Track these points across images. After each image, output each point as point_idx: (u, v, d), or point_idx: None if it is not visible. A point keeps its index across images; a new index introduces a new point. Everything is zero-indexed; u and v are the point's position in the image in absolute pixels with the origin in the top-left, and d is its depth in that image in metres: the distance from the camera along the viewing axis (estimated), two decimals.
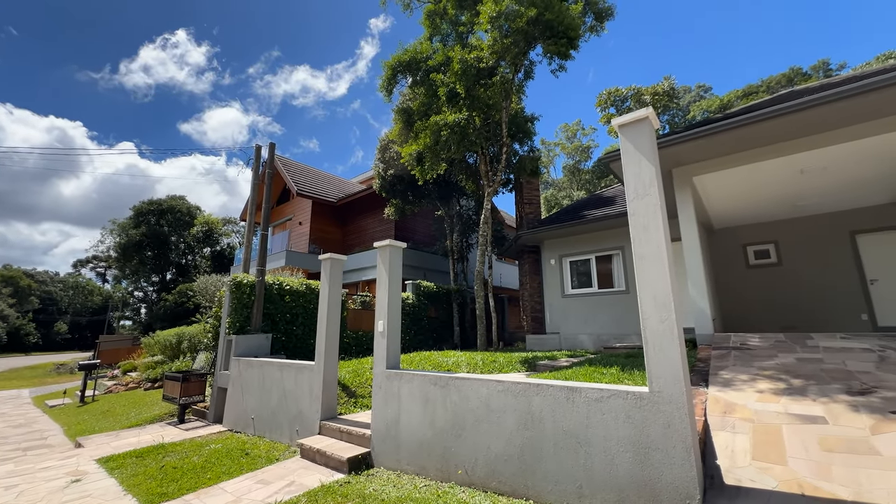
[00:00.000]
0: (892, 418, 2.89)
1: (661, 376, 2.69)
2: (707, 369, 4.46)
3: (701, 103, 27.04)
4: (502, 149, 10.04)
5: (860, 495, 2.28)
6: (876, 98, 4.89)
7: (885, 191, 8.03)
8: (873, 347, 4.44)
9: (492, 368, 7.33)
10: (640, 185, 3.01)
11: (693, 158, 6.57)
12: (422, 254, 16.50)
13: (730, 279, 10.24)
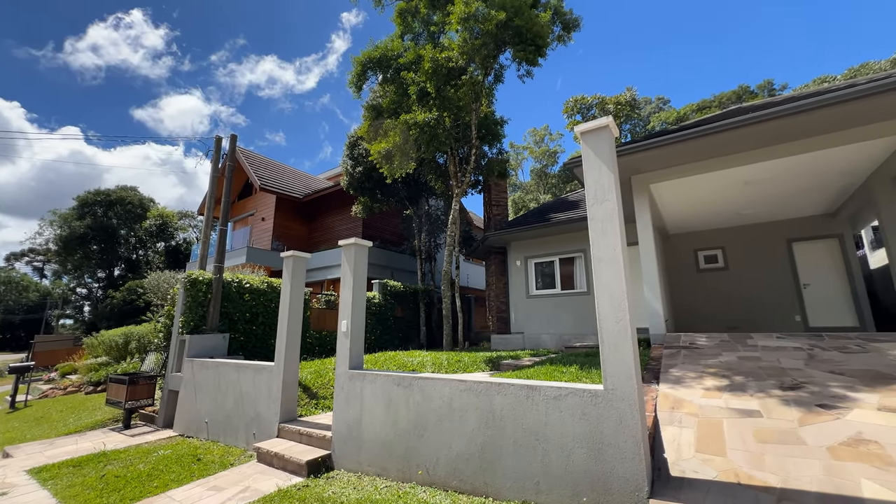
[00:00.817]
0: (817, 411, 3.16)
1: (615, 374, 2.81)
2: (659, 367, 4.70)
3: (660, 115, 28.46)
4: (472, 150, 10.13)
5: (787, 482, 2.48)
6: (806, 118, 5.34)
7: (817, 203, 8.78)
8: (803, 346, 4.84)
9: (457, 368, 7.38)
10: (599, 191, 3.12)
11: (650, 167, 6.90)
12: (389, 253, 16.36)
13: (682, 282, 10.84)
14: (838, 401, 3.27)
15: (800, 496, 2.36)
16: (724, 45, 53.33)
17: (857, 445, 2.68)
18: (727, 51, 52.83)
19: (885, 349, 4.40)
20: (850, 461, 2.55)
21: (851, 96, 4.92)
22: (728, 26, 52.86)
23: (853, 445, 2.69)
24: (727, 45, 53.31)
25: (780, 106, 5.30)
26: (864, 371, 3.79)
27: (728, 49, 52.77)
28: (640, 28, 58.68)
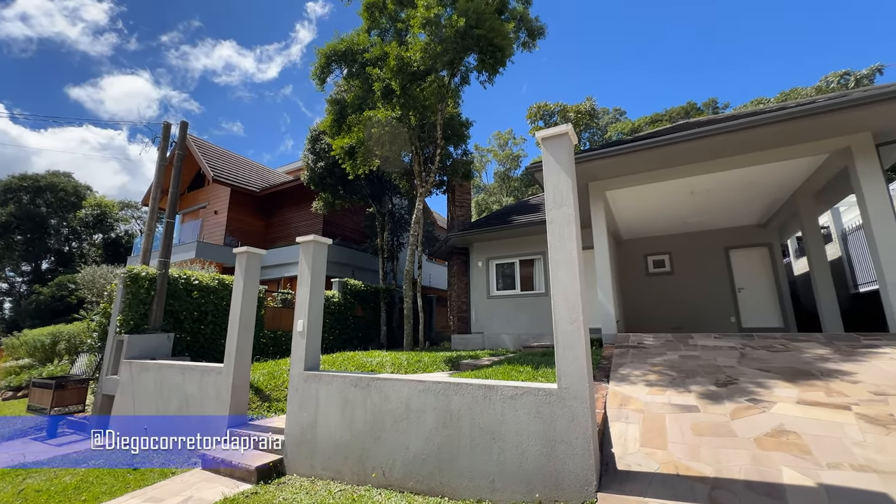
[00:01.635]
0: (747, 405, 3.44)
1: (568, 374, 2.91)
2: (609, 366, 4.93)
3: (616, 125, 29.88)
4: (436, 150, 10.14)
5: (720, 472, 2.68)
6: (743, 136, 5.80)
7: (752, 214, 9.57)
8: (737, 345, 5.26)
9: (416, 368, 7.35)
10: (558, 196, 3.22)
11: (606, 174, 7.23)
12: (351, 251, 16.04)
13: (633, 285, 11.44)
14: (765, 395, 3.57)
15: (730, 484, 2.56)
16: (676, 65, 57.02)
17: (780, 436, 2.95)
18: (678, 70, 56.52)
19: (804, 348, 4.87)
20: (773, 451, 2.80)
21: (780, 118, 5.41)
22: (680, 49, 56.59)
23: (776, 436, 2.95)
24: (678, 65, 57.04)
25: (721, 124, 5.73)
26: (787, 368, 4.18)
27: (678, 68, 56.46)
28: (602, 44, 61.43)
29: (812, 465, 2.60)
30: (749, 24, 52.96)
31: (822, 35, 49.22)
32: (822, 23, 49.22)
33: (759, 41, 52.35)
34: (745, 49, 53.57)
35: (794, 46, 50.30)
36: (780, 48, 51.40)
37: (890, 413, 3.04)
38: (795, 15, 50.56)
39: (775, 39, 51.41)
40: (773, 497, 2.40)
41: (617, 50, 61.14)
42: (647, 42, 59.13)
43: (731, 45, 54.28)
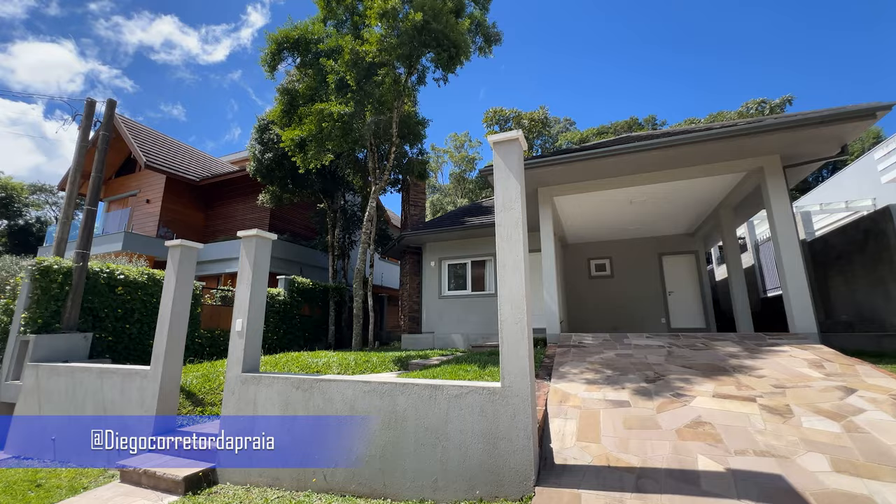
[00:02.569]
0: (671, 399, 3.74)
1: (512, 372, 3.00)
2: (552, 364, 5.15)
3: (567, 134, 31.30)
4: (392, 148, 10.03)
5: (645, 462, 2.89)
6: (674, 152, 6.33)
7: (682, 224, 10.43)
8: (665, 344, 5.71)
9: (364, 368, 7.23)
10: (507, 199, 3.31)
11: (555, 181, 7.54)
12: (299, 247, 15.42)
13: (576, 287, 12.03)
14: (686, 390, 3.91)
15: (654, 473, 2.77)
16: (622, 82, 60.90)
17: (697, 427, 3.24)
18: (622, 87, 60.42)
19: (720, 346, 5.40)
20: (691, 441, 3.07)
21: (707, 138, 5.95)
22: (626, 67, 60.52)
23: (694, 427, 3.24)
24: (625, 81, 60.97)
25: (655, 140, 6.19)
26: (706, 365, 4.60)
27: (625, 85, 60.36)
28: (557, 56, 64.15)
29: (722, 453, 2.88)
30: (689, 47, 57.76)
31: (747, 65, 54.94)
32: (748, 53, 54.93)
33: (698, 63, 57.34)
34: (684, 70, 58.37)
35: (725, 72, 55.63)
36: (713, 72, 56.60)
37: (786, 404, 3.44)
38: (726, 45, 55.96)
39: (710, 64, 56.56)
40: (690, 483, 2.64)
41: (570, 63, 64.10)
42: (598, 58, 62.57)
43: (671, 67, 58.93)
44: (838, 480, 2.49)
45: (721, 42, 55.86)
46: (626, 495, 2.57)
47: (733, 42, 55.11)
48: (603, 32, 61.39)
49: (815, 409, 3.32)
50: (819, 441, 2.89)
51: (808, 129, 5.46)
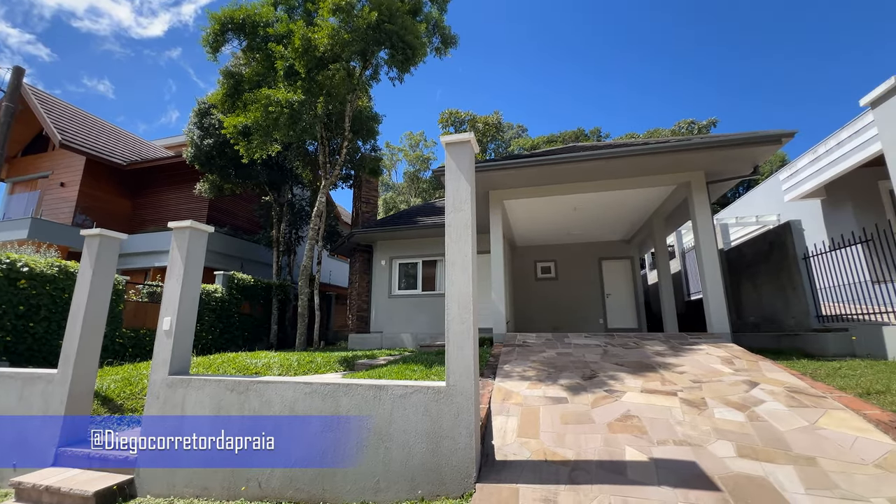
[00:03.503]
0: (604, 395, 3.99)
1: (457, 371, 3.03)
2: (497, 363, 5.29)
3: (519, 140, 32.31)
4: (344, 142, 9.77)
5: (579, 455, 3.06)
6: (614, 164, 6.77)
7: (620, 231, 11.17)
8: (601, 344, 6.09)
9: (308, 369, 6.97)
10: (457, 200, 3.35)
11: (505, 185, 7.76)
12: (241, 242, 14.55)
13: (524, 288, 12.46)
14: (618, 386, 4.19)
15: (586, 465, 2.93)
16: (572, 93, 64.05)
17: (626, 420, 3.48)
18: (573, 99, 63.59)
19: (648, 345, 5.85)
20: (620, 433, 3.29)
21: (644, 151, 6.42)
22: (576, 80, 63.73)
23: (623, 421, 3.48)
24: (574, 93, 64.18)
25: (599, 150, 6.59)
26: (636, 362, 4.96)
27: (573, 99, 63.57)
28: (510, 66, 66.00)
29: (647, 444, 3.12)
30: (632, 65, 61.95)
31: (680, 86, 60.12)
32: (682, 75, 60.14)
33: (642, 80, 61.71)
34: (628, 88, 62.54)
35: (662, 91, 60.42)
36: (654, 90, 61.22)
37: (702, 397, 3.80)
38: (663, 66, 60.82)
39: (649, 82, 61.11)
40: (618, 473, 2.82)
41: (525, 71, 66.29)
42: (550, 69, 65.29)
43: (616, 84, 62.92)
44: (741, 464, 2.79)
45: (659, 63, 60.66)
46: (560, 487, 2.70)
47: (670, 63, 60.09)
48: (559, 44, 64.20)
49: (726, 401, 3.69)
50: (727, 430, 3.22)
51: (727, 149, 6.08)
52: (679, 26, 57.52)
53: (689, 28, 57.42)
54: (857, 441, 2.91)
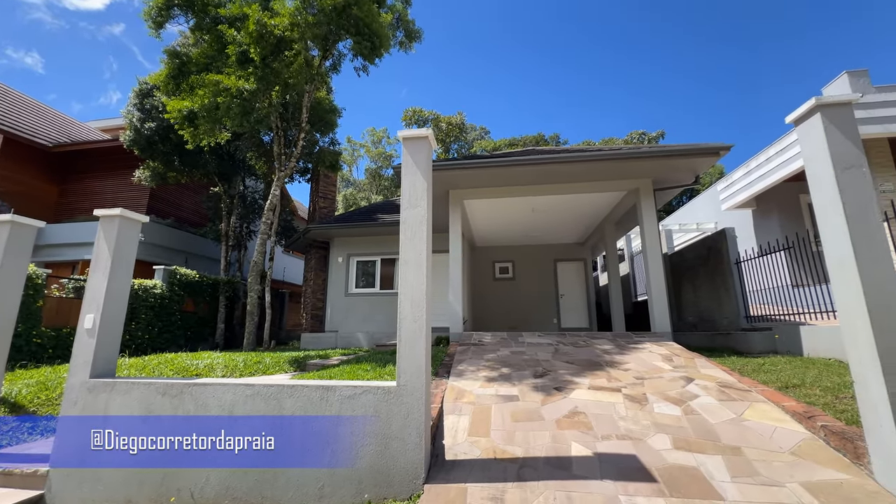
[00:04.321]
0: (554, 393, 4.09)
1: (408, 371, 2.98)
2: (451, 362, 5.28)
3: (481, 142, 32.70)
4: (300, 134, 9.39)
5: (528, 452, 3.10)
6: (571, 167, 7.00)
7: (575, 234, 11.58)
8: (553, 342, 6.26)
9: (255, 370, 6.62)
10: (413, 196, 3.29)
11: (465, 185, 7.78)
12: (187, 235, 13.62)
13: (482, 287, 12.60)
14: (567, 384, 4.30)
15: (534, 462, 2.97)
16: (535, 98, 65.82)
17: (573, 417, 3.58)
18: (534, 105, 65.36)
19: (597, 344, 6.09)
20: (567, 430, 3.37)
21: (598, 157, 6.68)
22: (539, 86, 65.56)
23: (571, 417, 3.57)
24: (537, 98, 65.98)
25: (556, 154, 6.77)
26: (585, 360, 5.13)
27: (534, 105, 65.35)
28: (479, 65, 66.68)
29: (592, 439, 3.22)
30: (594, 76, 64.66)
31: (634, 99, 63.67)
32: (636, 89, 63.73)
33: (599, 93, 64.56)
34: (586, 97, 65.20)
35: (617, 102, 63.65)
36: (613, 100, 64.30)
37: (644, 393, 3.99)
38: (620, 78, 64.07)
39: (608, 94, 64.16)
40: (564, 468, 2.89)
41: (490, 75, 67.27)
42: (515, 74, 66.72)
43: (576, 92, 65.46)
44: (676, 456, 2.94)
45: (616, 75, 63.86)
46: (508, 485, 2.71)
47: (626, 77, 63.48)
48: (524, 49, 65.72)
49: (665, 396, 3.90)
50: (665, 423, 3.39)
51: (672, 159, 6.46)
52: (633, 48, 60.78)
53: (643, 52, 60.83)
54: (776, 431, 3.16)
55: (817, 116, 2.89)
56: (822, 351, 5.06)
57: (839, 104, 2.87)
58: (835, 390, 3.65)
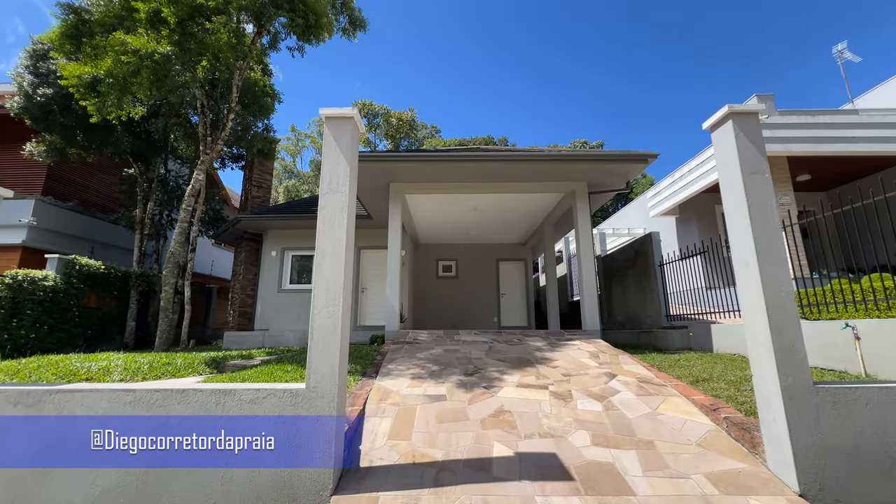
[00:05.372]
0: (482, 391, 4.00)
1: (319, 371, 2.70)
2: (382, 361, 5.04)
3: (432, 140, 32.64)
4: (230, 114, 8.61)
5: (448, 455, 2.95)
6: (510, 166, 7.04)
7: (516, 234, 11.79)
8: (488, 340, 6.24)
9: (162, 373, 5.91)
10: (334, 181, 3.02)
11: (406, 178, 7.55)
12: (93, 221, 12.02)
13: (425, 285, 12.44)
14: (497, 382, 4.24)
15: (453, 465, 2.83)
16: (484, 101, 67.10)
17: (499, 416, 3.50)
18: (488, 110, 66.66)
19: (531, 342, 6.15)
20: (491, 429, 3.28)
21: (537, 158, 6.77)
22: (490, 89, 66.93)
23: (496, 416, 3.49)
24: (486, 101, 67.29)
25: (496, 153, 6.77)
26: (516, 358, 5.13)
27: (488, 110, 66.69)
28: (433, 64, 66.59)
29: (515, 438, 3.15)
30: (544, 85, 67.11)
31: (578, 110, 67.14)
32: (580, 102, 67.19)
33: (547, 101, 67.21)
34: (537, 104, 67.63)
35: (565, 112, 66.74)
36: (555, 110, 67.19)
37: (569, 389, 4.03)
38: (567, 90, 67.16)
39: (555, 104, 67.01)
40: (484, 470, 2.77)
41: (447, 76, 67.47)
42: (472, 77, 67.55)
43: (529, 99, 67.72)
44: (594, 452, 2.95)
45: (563, 87, 66.95)
46: (423, 492, 2.54)
47: (572, 89, 66.76)
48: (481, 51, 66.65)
49: (588, 392, 3.96)
50: (587, 420, 3.42)
51: (605, 163, 6.71)
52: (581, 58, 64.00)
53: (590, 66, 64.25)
54: (686, 424, 3.29)
55: (730, 123, 3.04)
56: (729, 347, 5.48)
57: (749, 113, 3.03)
58: (737, 383, 3.91)
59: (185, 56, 6.77)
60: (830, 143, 7.55)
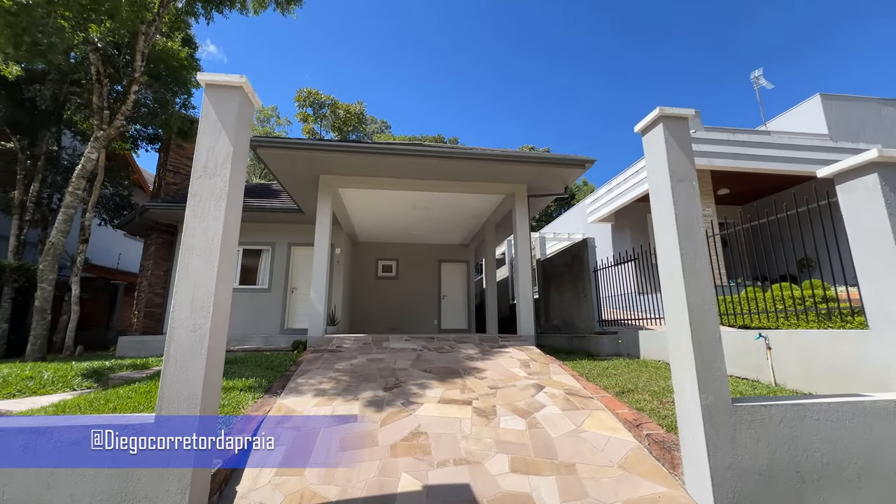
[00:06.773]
0: (400, 409, 3.59)
1: (175, 400, 2.14)
2: (293, 373, 4.46)
3: (381, 136, 31.74)
4: (132, 85, 7.45)
5: (344, 493, 2.50)
6: (447, 163, 6.72)
7: (458, 235, 11.53)
8: (418, 347, 5.85)
9: (19, 389, 4.88)
10: (211, 162, 2.45)
11: (337, 170, 6.96)
12: None
13: (363, 286, 11.80)
14: (418, 397, 3.85)
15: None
16: (439, 100, 67.05)
17: (413, 439, 3.10)
18: (443, 105, 66.62)
19: (463, 349, 5.86)
20: (402, 457, 2.88)
21: (474, 156, 6.50)
22: (447, 88, 66.99)
23: (410, 440, 3.09)
24: (442, 100, 67.29)
25: (433, 149, 6.41)
26: (444, 368, 4.79)
27: (440, 103, 66.64)
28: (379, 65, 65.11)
29: (426, 467, 2.77)
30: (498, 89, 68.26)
31: (521, 120, 69.28)
32: (526, 112, 69.28)
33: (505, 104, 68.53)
34: (490, 108, 68.67)
35: (516, 121, 68.47)
36: (516, 113, 68.81)
37: (494, 405, 3.74)
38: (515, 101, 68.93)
39: (513, 105, 68.53)
40: None
41: (403, 70, 66.35)
42: (430, 74, 67.02)
43: (482, 104, 68.58)
44: (511, 481, 2.65)
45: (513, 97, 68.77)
46: None
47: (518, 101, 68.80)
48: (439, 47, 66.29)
49: (513, 407, 3.69)
50: (508, 441, 3.13)
51: (544, 166, 6.61)
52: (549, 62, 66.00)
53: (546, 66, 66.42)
54: (609, 442, 3.11)
55: (661, 126, 2.88)
56: (655, 353, 5.54)
57: (679, 117, 2.90)
58: (660, 394, 3.84)
59: (53, 7, 5.62)
60: (748, 160, 8.06)
